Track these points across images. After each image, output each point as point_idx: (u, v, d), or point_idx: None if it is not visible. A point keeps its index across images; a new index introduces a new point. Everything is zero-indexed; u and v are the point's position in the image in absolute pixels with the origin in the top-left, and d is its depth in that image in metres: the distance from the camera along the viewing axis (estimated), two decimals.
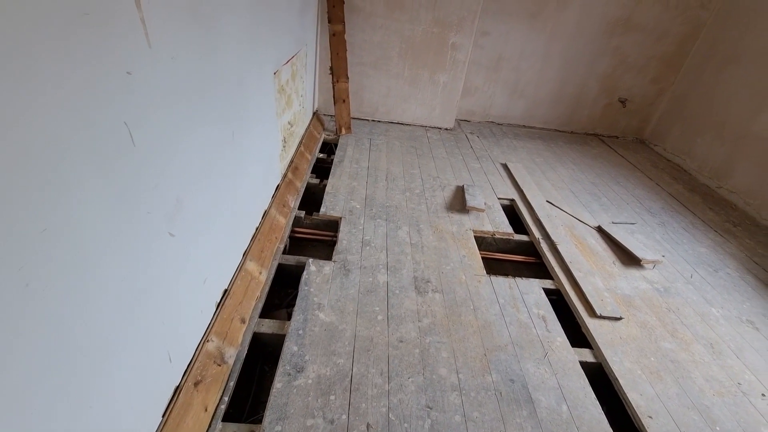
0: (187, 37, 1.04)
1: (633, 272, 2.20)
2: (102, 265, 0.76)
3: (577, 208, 2.76)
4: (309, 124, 3.15)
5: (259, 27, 1.66)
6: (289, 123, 2.42)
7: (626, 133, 4.21)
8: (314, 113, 3.45)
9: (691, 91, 3.68)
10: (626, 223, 2.68)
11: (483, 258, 2.21)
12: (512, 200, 2.77)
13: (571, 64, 3.78)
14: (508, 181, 3.00)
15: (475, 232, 2.36)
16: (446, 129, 3.81)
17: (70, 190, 0.66)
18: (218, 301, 1.43)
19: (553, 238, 2.34)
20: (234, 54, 1.41)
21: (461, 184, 2.84)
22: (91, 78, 0.69)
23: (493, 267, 2.36)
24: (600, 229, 2.55)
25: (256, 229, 1.88)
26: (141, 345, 0.93)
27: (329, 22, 3.02)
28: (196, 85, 1.12)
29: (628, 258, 2.29)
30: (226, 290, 1.50)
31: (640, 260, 2.23)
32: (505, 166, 3.21)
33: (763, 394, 1.59)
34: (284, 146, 2.33)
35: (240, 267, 1.63)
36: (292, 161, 2.54)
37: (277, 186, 2.25)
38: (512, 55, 3.74)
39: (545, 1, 3.47)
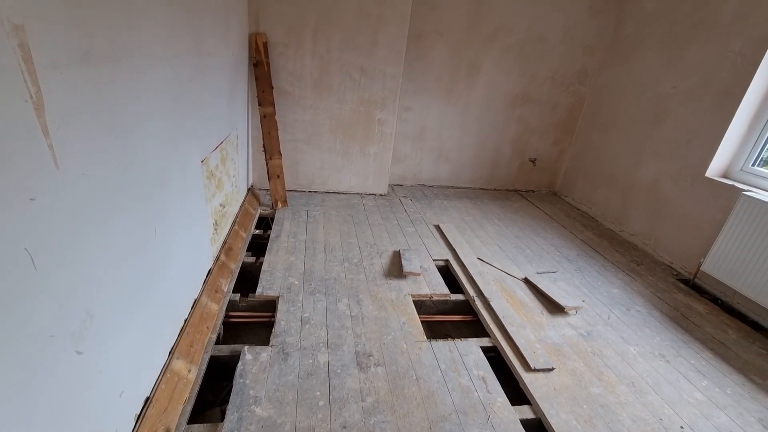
0: (102, 151, 1.06)
1: (559, 320, 2.37)
2: None
3: (505, 262, 2.97)
4: (243, 201, 3.16)
5: (183, 123, 1.72)
6: (220, 205, 2.41)
7: (540, 187, 4.72)
8: (249, 189, 3.47)
9: (585, 150, 4.29)
10: (549, 272, 2.92)
11: (423, 322, 2.27)
12: (446, 260, 2.91)
13: (485, 131, 4.27)
14: (442, 242, 3.18)
15: (413, 296, 2.43)
16: (381, 195, 4.01)
17: None
18: (138, 413, 1.31)
19: (486, 294, 2.47)
20: (155, 155, 1.43)
21: (398, 249, 2.95)
22: None
23: (433, 329, 2.41)
24: (527, 281, 2.75)
25: (185, 321, 1.78)
26: None
27: (259, 105, 3.17)
28: (111, 195, 1.11)
29: (554, 306, 2.48)
30: (148, 398, 1.38)
31: (564, 308, 2.43)
32: (438, 228, 3.41)
33: (681, 427, 1.73)
34: (216, 229, 2.31)
35: (165, 368, 1.52)
36: (225, 242, 2.50)
37: (209, 271, 2.18)
38: (434, 126, 4.15)
39: (456, 81, 3.97)
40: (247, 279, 2.53)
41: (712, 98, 2.94)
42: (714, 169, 2.97)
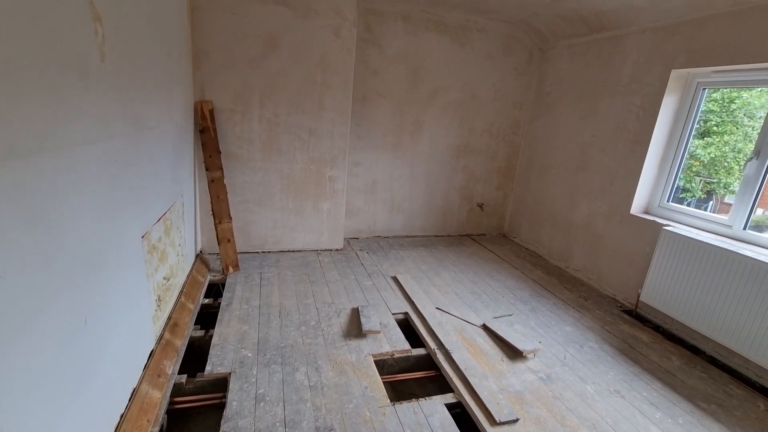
0: (21, 249, 0.99)
1: (519, 365, 2.39)
2: None
3: (463, 310, 3.01)
4: (191, 269, 3.01)
5: (121, 200, 1.65)
6: (164, 278, 2.28)
7: (490, 230, 4.94)
8: (197, 255, 3.32)
9: (526, 193, 4.60)
10: (505, 315, 2.99)
11: (386, 382, 2.20)
12: (406, 313, 2.90)
13: (433, 181, 4.47)
14: (400, 294, 3.18)
15: (374, 356, 2.36)
16: (337, 250, 3.99)
17: None
18: None
19: (447, 346, 2.47)
20: (87, 239, 1.36)
21: (356, 306, 2.90)
22: None
23: (397, 389, 2.34)
24: (485, 327, 2.78)
25: (122, 416, 1.60)
26: None
27: (207, 170, 3.14)
28: (32, 294, 1.03)
29: (513, 351, 2.51)
30: None
31: (522, 352, 2.47)
32: (396, 279, 3.42)
33: None
34: (159, 305, 2.16)
35: None
36: (170, 317, 2.34)
37: (151, 353, 2.01)
38: (384, 178, 4.29)
39: (402, 137, 4.19)
40: (196, 355, 2.35)
41: (625, 145, 3.32)
42: (637, 207, 3.29)
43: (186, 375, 2.05)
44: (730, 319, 2.47)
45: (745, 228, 2.69)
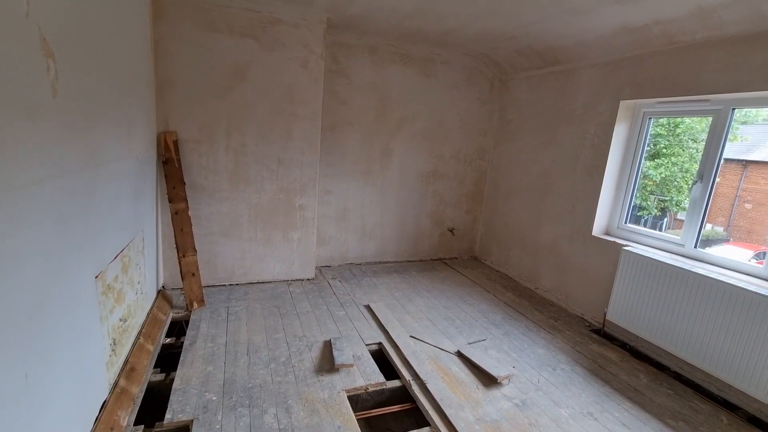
0: None
1: (494, 392, 2.38)
2: None
3: (437, 337, 2.99)
4: (152, 307, 2.84)
5: (73, 241, 1.56)
6: (121, 319, 2.14)
7: (462, 254, 5.00)
8: (159, 292, 3.15)
9: (494, 217, 4.72)
10: (479, 341, 2.99)
11: (360, 419, 2.12)
12: (380, 343, 2.84)
13: (404, 207, 4.52)
14: (373, 323, 3.12)
15: (347, 391, 2.28)
16: (308, 279, 3.91)
17: None
18: None
19: (422, 376, 2.42)
20: (31, 287, 1.26)
21: (329, 339, 2.82)
22: None
23: (373, 425, 2.26)
24: (460, 354, 2.77)
25: None
26: None
27: (170, 202, 3.03)
28: None
29: (487, 378, 2.50)
30: None
31: (497, 379, 2.46)
32: (369, 308, 3.37)
33: None
34: (114, 350, 2.01)
35: None
36: (126, 362, 2.18)
37: (104, 402, 1.85)
38: (355, 206, 4.29)
39: (371, 164, 4.24)
40: (156, 402, 2.18)
41: (583, 170, 3.50)
42: (598, 228, 3.44)
43: (143, 425, 1.90)
44: (689, 335, 2.57)
45: (696, 246, 2.86)
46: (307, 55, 3.38)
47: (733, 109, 2.62)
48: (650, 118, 3.17)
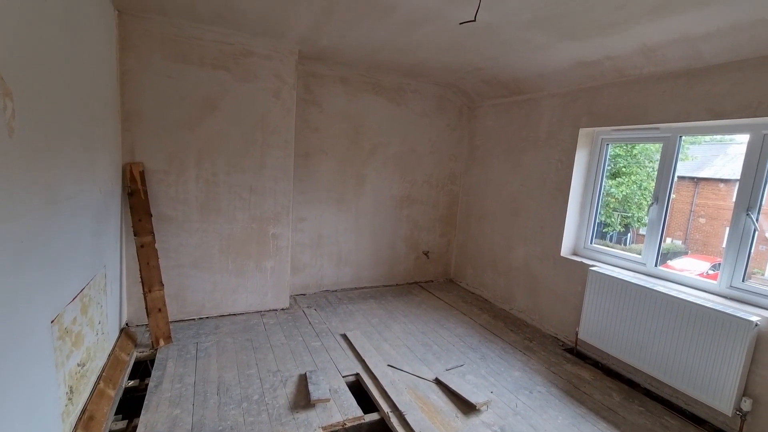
0: None
1: (473, 420, 2.36)
2: None
3: (415, 364, 2.96)
4: (114, 348, 2.68)
5: (27, 285, 1.47)
6: (78, 364, 2.00)
7: (437, 277, 5.03)
8: (122, 330, 2.99)
9: (467, 239, 4.81)
10: (457, 367, 2.98)
11: None
12: (357, 374, 2.78)
13: (379, 232, 4.53)
14: (350, 354, 3.06)
15: (324, 428, 2.21)
16: (283, 309, 3.81)
17: None
18: None
19: (400, 407, 2.38)
20: None
21: (304, 372, 2.74)
22: None
23: None
24: (438, 381, 2.74)
25: None
26: None
27: (136, 235, 2.92)
28: None
29: (466, 406, 2.48)
30: None
31: (475, 405, 2.45)
32: (345, 337, 3.31)
33: None
34: (70, 398, 1.88)
35: None
36: (84, 410, 2.03)
37: None
38: (330, 232, 4.27)
39: (345, 190, 4.26)
40: None
41: (550, 193, 3.65)
42: (566, 249, 3.56)
43: None
44: (655, 352, 2.67)
45: (656, 265, 3.01)
46: (280, 86, 3.42)
47: (680, 136, 2.84)
48: (608, 144, 3.37)
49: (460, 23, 2.48)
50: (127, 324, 3.16)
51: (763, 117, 2.27)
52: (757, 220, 2.45)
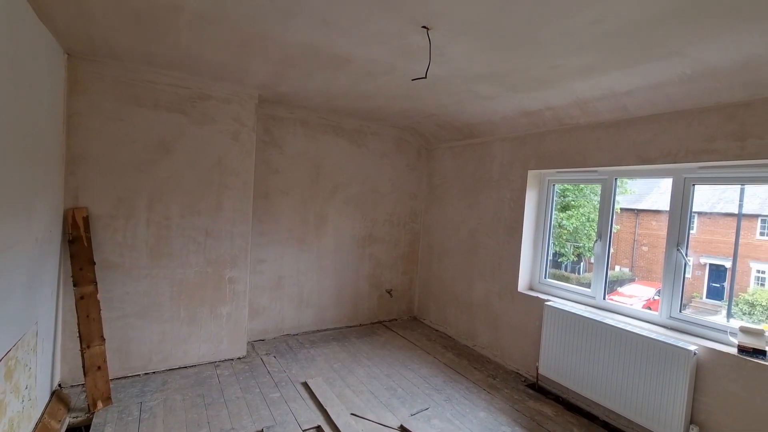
0: None
1: None
2: None
3: (379, 411, 2.86)
4: (42, 415, 2.39)
5: None
6: None
7: (401, 315, 5.00)
8: (54, 393, 2.68)
9: (429, 276, 4.86)
10: (422, 411, 2.92)
11: None
12: (318, 427, 2.65)
13: (341, 271, 4.48)
14: (312, 404, 2.92)
15: None
16: (239, 358, 3.60)
17: None
18: None
19: None
20: None
21: (261, 428, 2.57)
22: None
23: None
24: (403, 429, 2.66)
25: None
26: None
27: (75, 285, 2.70)
28: None
29: None
30: None
31: None
32: (306, 385, 3.16)
33: None
34: None
35: None
36: None
37: None
38: (291, 273, 4.17)
39: (306, 230, 4.22)
40: None
41: (505, 230, 3.82)
42: (522, 284, 3.69)
43: None
44: (609, 384, 2.77)
45: (604, 297, 3.18)
46: (239, 128, 3.42)
47: (616, 178, 3.11)
48: (554, 185, 3.62)
49: (413, 79, 2.65)
50: (60, 385, 2.84)
51: (683, 163, 2.55)
52: (686, 254, 2.68)
